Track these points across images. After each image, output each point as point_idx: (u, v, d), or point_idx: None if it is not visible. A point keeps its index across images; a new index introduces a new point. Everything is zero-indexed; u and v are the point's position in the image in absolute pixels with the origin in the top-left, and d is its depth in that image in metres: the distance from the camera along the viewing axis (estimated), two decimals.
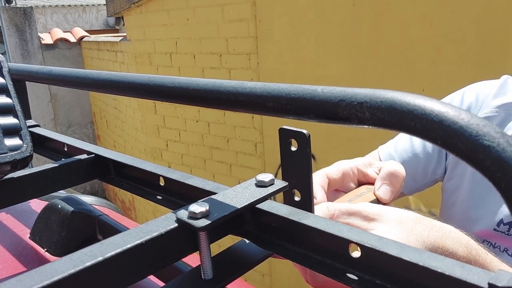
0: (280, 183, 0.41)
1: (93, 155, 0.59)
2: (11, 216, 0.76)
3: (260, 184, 0.40)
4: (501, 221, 0.74)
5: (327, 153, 2.44)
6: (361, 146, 2.28)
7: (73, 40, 6.20)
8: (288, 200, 0.42)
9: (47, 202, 0.66)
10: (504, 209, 0.74)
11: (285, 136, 0.40)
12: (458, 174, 0.83)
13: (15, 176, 0.54)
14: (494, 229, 0.74)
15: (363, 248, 0.32)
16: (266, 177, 0.41)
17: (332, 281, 0.39)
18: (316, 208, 0.46)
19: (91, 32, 6.89)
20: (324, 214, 0.45)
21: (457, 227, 0.51)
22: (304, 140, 0.38)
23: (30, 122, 0.75)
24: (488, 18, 1.67)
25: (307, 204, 0.41)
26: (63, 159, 0.62)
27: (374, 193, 0.54)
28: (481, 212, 0.77)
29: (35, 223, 0.66)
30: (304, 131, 0.38)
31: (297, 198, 0.41)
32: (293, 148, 0.39)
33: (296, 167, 0.40)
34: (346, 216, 0.46)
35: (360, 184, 0.57)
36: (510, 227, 0.73)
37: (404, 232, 0.44)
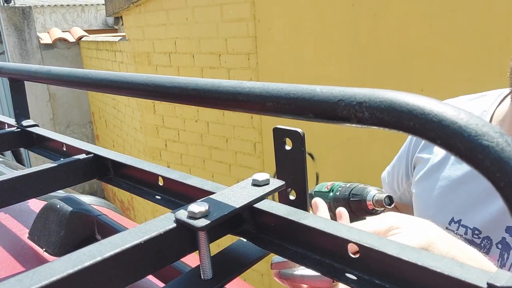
0: (277, 182, 0.41)
1: (92, 155, 0.59)
2: (10, 216, 0.76)
3: (256, 184, 0.41)
4: (452, 219, 0.75)
5: (326, 153, 2.44)
6: (360, 146, 2.29)
7: (72, 39, 6.19)
8: (284, 199, 0.42)
9: (46, 202, 0.66)
10: (455, 208, 0.75)
11: (279, 135, 0.40)
12: (419, 179, 0.85)
13: (13, 176, 0.53)
14: (446, 228, 0.75)
15: (362, 247, 0.32)
16: (261, 176, 0.41)
17: None
18: None
19: (90, 31, 6.88)
20: None
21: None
22: (299, 139, 0.38)
23: (28, 122, 0.75)
24: (488, 18, 1.67)
25: (302, 203, 0.41)
26: (61, 158, 0.62)
27: None
28: (438, 209, 0.78)
29: (34, 223, 0.66)
30: (299, 130, 0.38)
31: (292, 197, 0.42)
32: (288, 147, 0.39)
33: (291, 166, 0.40)
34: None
35: None
36: (459, 225, 0.74)
37: (424, 242, 0.46)
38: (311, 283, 0.49)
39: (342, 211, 0.60)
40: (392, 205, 0.63)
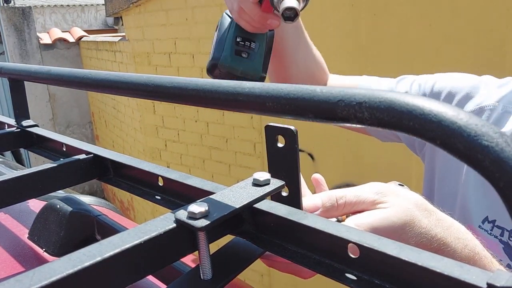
0: (277, 182, 0.41)
1: (92, 155, 0.59)
2: (10, 216, 0.76)
3: (257, 183, 0.41)
4: (486, 219, 0.73)
5: (325, 153, 2.44)
6: (360, 146, 2.29)
7: (71, 40, 6.19)
8: (275, 196, 0.42)
9: (46, 202, 0.66)
10: (490, 206, 0.72)
11: (271, 133, 0.40)
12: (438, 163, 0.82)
13: (13, 176, 0.53)
14: (479, 226, 0.73)
15: (361, 248, 0.32)
16: (262, 176, 0.41)
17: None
18: (321, 195, 0.47)
19: (89, 32, 6.89)
20: (332, 203, 0.46)
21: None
22: (291, 136, 0.38)
23: (28, 122, 0.75)
24: (487, 19, 1.67)
25: (295, 200, 0.41)
26: (61, 159, 0.62)
27: None
28: (470, 206, 0.75)
29: (34, 223, 0.66)
30: (292, 127, 0.38)
31: (284, 194, 0.42)
32: (280, 145, 0.40)
33: (284, 163, 0.40)
34: (353, 204, 0.47)
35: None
36: (493, 226, 0.71)
37: (408, 218, 0.45)
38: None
39: (318, 178, 0.58)
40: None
